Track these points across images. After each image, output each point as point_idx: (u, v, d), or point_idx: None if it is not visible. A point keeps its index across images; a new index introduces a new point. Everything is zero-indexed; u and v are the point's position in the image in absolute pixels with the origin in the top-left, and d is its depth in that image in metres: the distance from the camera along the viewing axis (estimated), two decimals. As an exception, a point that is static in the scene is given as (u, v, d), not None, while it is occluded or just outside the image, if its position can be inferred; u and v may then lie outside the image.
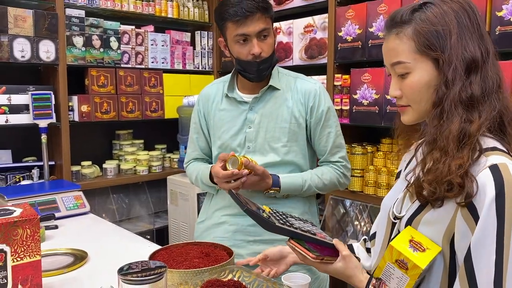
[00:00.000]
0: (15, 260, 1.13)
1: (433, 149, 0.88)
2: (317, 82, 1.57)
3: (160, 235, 3.08)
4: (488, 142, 0.86)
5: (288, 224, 1.05)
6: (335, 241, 1.04)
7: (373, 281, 0.93)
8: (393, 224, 0.98)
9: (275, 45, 1.54)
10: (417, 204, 0.92)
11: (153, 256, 1.28)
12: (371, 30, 2.27)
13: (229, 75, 1.59)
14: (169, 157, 3.20)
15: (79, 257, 1.50)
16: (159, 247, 1.54)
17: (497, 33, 1.84)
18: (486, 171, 0.80)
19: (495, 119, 0.87)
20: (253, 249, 1.51)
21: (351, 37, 2.36)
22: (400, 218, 0.96)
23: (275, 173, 1.48)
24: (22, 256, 1.15)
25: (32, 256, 1.17)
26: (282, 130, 1.50)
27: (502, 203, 0.78)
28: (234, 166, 1.37)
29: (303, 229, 1.05)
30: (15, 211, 1.19)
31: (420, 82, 0.90)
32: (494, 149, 0.85)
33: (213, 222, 1.59)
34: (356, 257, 1.09)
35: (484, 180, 0.80)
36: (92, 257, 1.52)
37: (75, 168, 2.70)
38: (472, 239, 0.81)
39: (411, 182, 0.93)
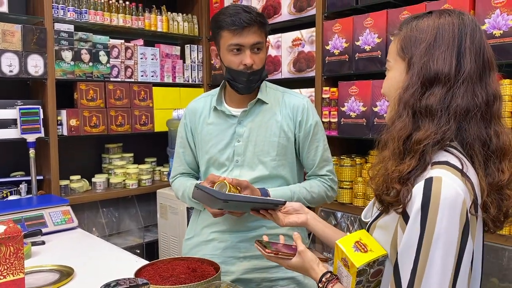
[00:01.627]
0: (-2, 279, 1.12)
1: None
2: (305, 97, 1.59)
3: (150, 249, 3.05)
4: (443, 156, 0.86)
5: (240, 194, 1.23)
6: (295, 236, 1.10)
7: (327, 275, 0.98)
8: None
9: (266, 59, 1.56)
10: (379, 211, 0.95)
11: (139, 272, 1.27)
12: (357, 43, 2.29)
13: (216, 89, 1.59)
14: (159, 170, 3.19)
15: (65, 274, 1.48)
16: (146, 262, 1.53)
17: (480, 47, 1.87)
18: (420, 183, 0.82)
19: (449, 138, 0.86)
20: (244, 266, 1.50)
21: (338, 51, 2.39)
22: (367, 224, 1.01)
23: (263, 188, 1.48)
24: (5, 274, 1.14)
25: (15, 274, 1.15)
26: (271, 144, 1.51)
27: (425, 216, 0.80)
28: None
29: (255, 197, 1.23)
30: (-2, 228, 1.18)
31: (391, 80, 0.96)
32: (444, 163, 0.84)
33: (202, 240, 1.57)
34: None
35: (416, 191, 0.82)
36: (79, 273, 1.50)
37: (63, 182, 2.68)
38: (399, 247, 0.84)
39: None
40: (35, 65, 2.45)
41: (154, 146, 3.25)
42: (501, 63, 1.86)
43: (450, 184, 0.81)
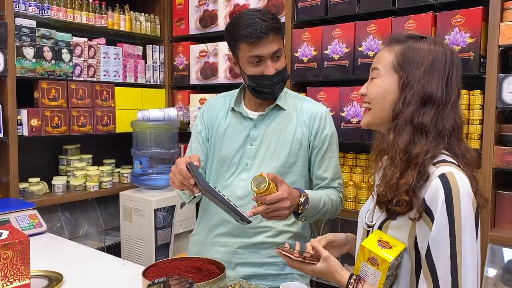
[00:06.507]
0: (4, 285, 1.09)
1: (387, 158, 1.05)
2: (324, 106, 1.59)
3: (110, 253, 2.97)
4: (439, 156, 1.01)
5: (219, 192, 1.24)
6: (314, 244, 1.15)
7: (354, 276, 1.06)
8: (368, 232, 1.11)
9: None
10: (385, 213, 1.05)
11: (144, 274, 1.28)
12: (326, 52, 2.42)
13: (236, 90, 1.59)
14: (119, 172, 3.13)
15: (55, 279, 1.44)
16: (134, 265, 1.53)
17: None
18: (436, 180, 0.95)
19: (442, 151, 1.02)
20: (240, 271, 1.51)
21: (307, 58, 2.50)
22: (372, 226, 1.09)
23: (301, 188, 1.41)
24: (12, 280, 1.11)
25: (21, 279, 1.13)
26: (283, 150, 1.49)
27: (451, 204, 0.93)
28: (258, 188, 1.25)
29: (231, 203, 1.24)
30: (1, 233, 1.14)
31: (380, 88, 1.07)
32: (443, 161, 1.00)
33: (205, 241, 1.57)
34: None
35: (436, 187, 0.95)
36: (68, 279, 1.46)
37: (22, 185, 2.54)
38: (430, 238, 0.95)
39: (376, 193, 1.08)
40: (-6, 61, 2.31)
41: (114, 147, 3.18)
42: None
43: (460, 176, 0.96)
